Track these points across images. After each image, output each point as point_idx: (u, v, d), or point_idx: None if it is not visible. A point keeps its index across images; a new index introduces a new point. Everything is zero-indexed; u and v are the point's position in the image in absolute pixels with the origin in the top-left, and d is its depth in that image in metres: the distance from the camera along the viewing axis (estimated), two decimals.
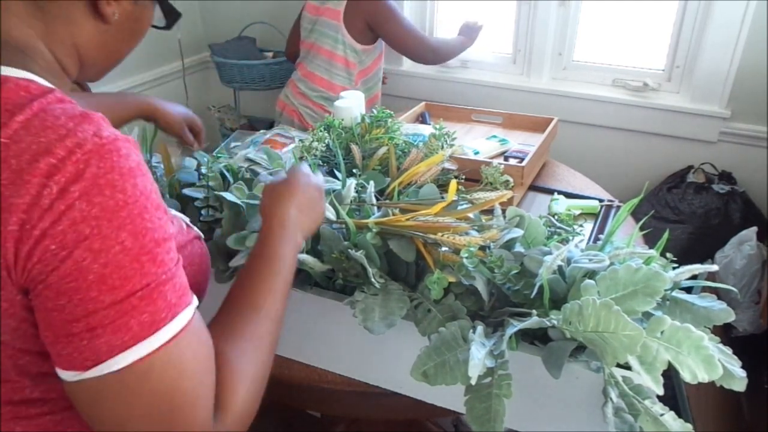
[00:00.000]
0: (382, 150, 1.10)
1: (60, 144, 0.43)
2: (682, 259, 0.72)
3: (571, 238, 0.85)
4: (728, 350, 0.65)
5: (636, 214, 1.03)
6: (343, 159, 1.04)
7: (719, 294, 0.73)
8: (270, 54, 2.53)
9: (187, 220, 0.67)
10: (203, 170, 0.97)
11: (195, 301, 0.51)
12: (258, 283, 0.61)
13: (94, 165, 0.44)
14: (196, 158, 1.07)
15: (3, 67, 0.48)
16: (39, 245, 0.43)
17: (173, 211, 0.65)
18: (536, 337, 0.70)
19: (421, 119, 1.63)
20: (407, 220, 0.77)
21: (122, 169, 0.45)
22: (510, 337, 0.67)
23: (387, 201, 0.91)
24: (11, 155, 0.43)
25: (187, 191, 0.95)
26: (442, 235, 0.74)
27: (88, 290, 0.43)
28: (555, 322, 0.65)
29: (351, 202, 0.88)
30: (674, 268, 0.70)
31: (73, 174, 0.43)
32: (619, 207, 1.25)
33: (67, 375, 0.46)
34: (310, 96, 1.91)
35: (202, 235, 0.69)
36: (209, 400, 0.49)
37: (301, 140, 1.23)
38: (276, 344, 0.61)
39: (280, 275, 0.62)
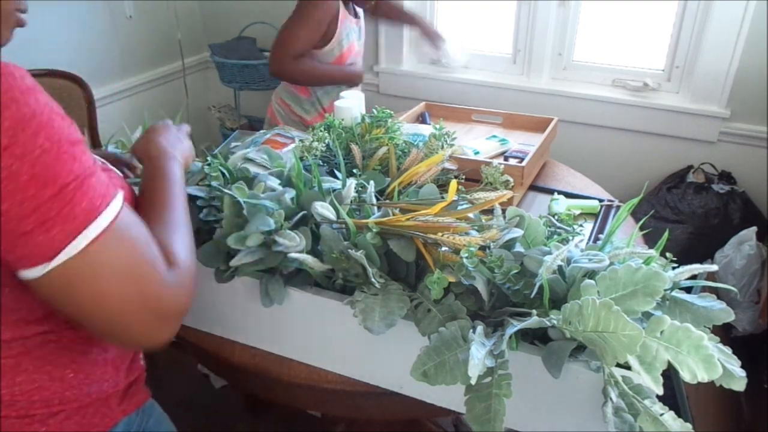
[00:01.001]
0: (382, 150, 1.10)
1: None
2: (682, 259, 0.72)
3: (571, 238, 0.85)
4: (728, 350, 0.65)
5: (636, 214, 1.03)
6: (343, 159, 1.04)
7: (719, 294, 0.73)
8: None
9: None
10: (204, 170, 0.97)
11: (120, 190, 0.57)
12: (159, 193, 0.71)
13: None
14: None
15: None
16: None
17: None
18: (536, 337, 0.71)
19: (421, 119, 1.63)
20: (407, 220, 0.77)
21: (20, 87, 0.48)
22: (510, 337, 0.67)
23: (387, 201, 0.91)
24: None
25: (188, 190, 0.94)
26: (442, 235, 0.74)
27: (26, 190, 0.47)
28: (555, 322, 0.65)
29: (351, 202, 0.88)
30: (674, 268, 0.70)
31: None
32: (618, 207, 1.25)
33: (34, 271, 0.50)
34: (284, 97, 1.86)
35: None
36: (162, 261, 0.58)
37: (301, 140, 1.23)
38: (188, 222, 0.71)
39: (172, 181, 0.73)
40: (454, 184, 0.79)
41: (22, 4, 0.60)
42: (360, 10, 1.80)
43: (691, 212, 1.94)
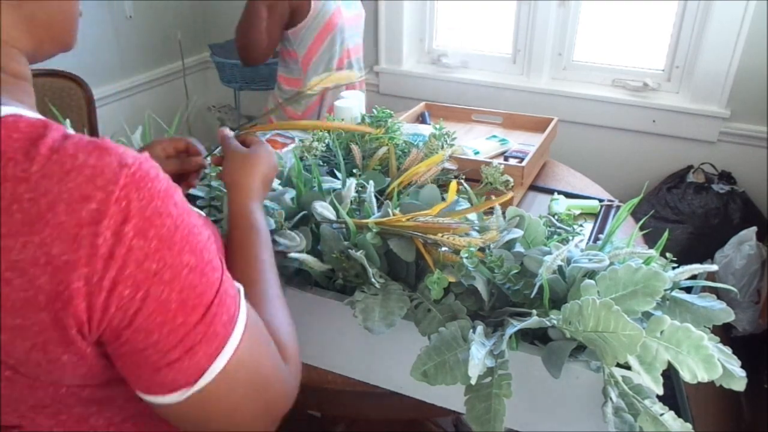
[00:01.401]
0: (382, 150, 1.10)
1: (91, 185, 0.41)
2: (682, 259, 0.72)
3: (571, 238, 0.85)
4: (728, 350, 0.65)
5: (636, 214, 1.03)
6: (343, 159, 1.04)
7: (719, 294, 0.73)
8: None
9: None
10: (204, 170, 0.97)
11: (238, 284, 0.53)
12: (250, 257, 0.65)
13: (135, 199, 0.42)
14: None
15: None
16: (113, 294, 0.41)
17: None
18: (536, 337, 0.71)
19: (421, 119, 1.63)
20: (407, 220, 0.77)
21: (159, 192, 0.44)
22: (510, 337, 0.67)
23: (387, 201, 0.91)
24: (44, 209, 0.40)
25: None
26: (442, 236, 0.74)
27: (174, 319, 0.44)
28: (555, 322, 0.65)
29: (351, 202, 0.88)
30: (674, 268, 0.70)
31: (119, 214, 0.41)
32: (618, 207, 1.25)
33: (171, 398, 0.46)
34: (277, 95, 1.82)
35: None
36: (280, 359, 0.54)
37: (301, 140, 1.23)
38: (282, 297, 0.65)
39: (264, 244, 0.67)
40: (454, 184, 0.79)
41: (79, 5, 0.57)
42: None
43: (691, 212, 1.94)
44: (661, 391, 0.57)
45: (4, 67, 0.48)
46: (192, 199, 0.93)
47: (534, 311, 0.67)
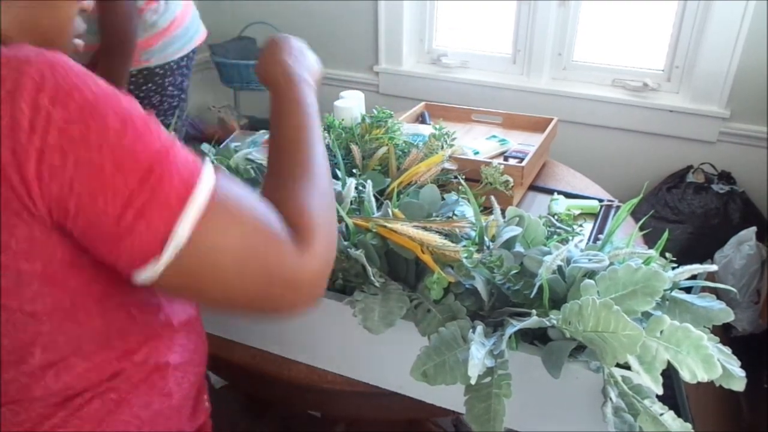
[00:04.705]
0: (382, 150, 1.10)
1: (6, 68, 0.43)
2: (682, 259, 0.72)
3: (570, 238, 0.85)
4: (727, 350, 0.65)
5: (635, 214, 1.03)
6: (343, 159, 1.04)
7: (718, 294, 0.73)
8: None
9: None
10: None
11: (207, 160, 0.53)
12: (294, 129, 0.62)
13: (49, 75, 0.44)
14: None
15: None
16: (42, 163, 0.43)
17: None
18: (536, 337, 0.71)
19: (421, 119, 1.63)
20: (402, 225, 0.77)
21: (77, 73, 0.45)
22: (510, 337, 0.67)
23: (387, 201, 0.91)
24: None
25: None
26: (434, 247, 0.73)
27: (114, 181, 0.44)
28: (555, 322, 0.65)
29: (351, 202, 0.88)
30: (674, 268, 0.70)
31: (33, 88, 0.43)
32: (618, 207, 1.25)
33: (148, 271, 0.47)
34: None
35: None
36: (277, 226, 0.52)
37: None
38: (329, 174, 0.62)
39: (310, 114, 0.63)
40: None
41: (85, 3, 0.57)
42: None
43: (691, 212, 1.94)
44: (660, 391, 0.57)
45: None
46: None
47: (534, 311, 0.67)
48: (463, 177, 1.11)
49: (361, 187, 0.94)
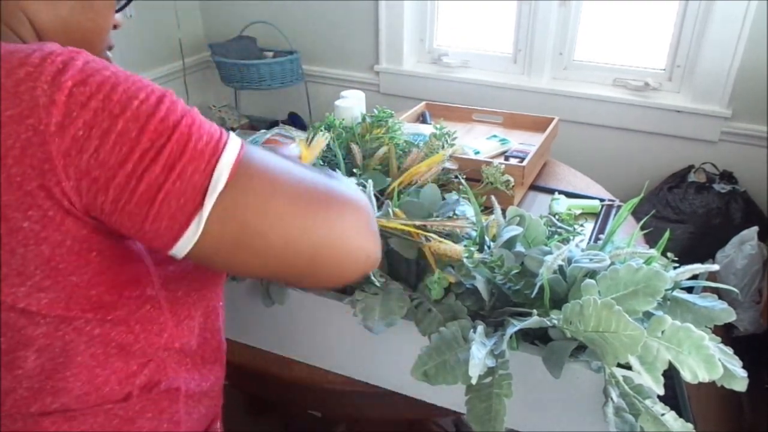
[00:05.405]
0: (383, 150, 1.10)
1: (32, 56, 0.43)
2: (683, 259, 0.72)
3: (571, 237, 0.84)
4: (729, 350, 0.65)
5: (637, 214, 1.03)
6: (343, 159, 1.04)
7: (720, 294, 0.73)
8: (270, 54, 2.53)
9: None
10: None
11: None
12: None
13: (70, 64, 0.44)
14: None
15: None
16: (65, 137, 0.43)
17: None
18: (537, 337, 0.70)
19: (422, 119, 1.62)
20: (403, 224, 0.77)
21: (97, 61, 0.45)
22: (510, 337, 0.67)
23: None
24: None
25: None
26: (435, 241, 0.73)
27: (139, 142, 0.44)
28: (555, 322, 0.65)
29: None
30: (675, 268, 0.70)
31: (54, 70, 0.43)
32: (619, 207, 1.25)
33: (182, 244, 0.46)
34: None
35: None
36: (317, 212, 0.50)
37: (301, 140, 1.23)
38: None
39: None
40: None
41: (117, 19, 0.58)
42: None
43: (692, 212, 1.94)
44: (662, 391, 0.57)
45: None
46: None
47: (534, 311, 0.67)
48: (464, 177, 1.11)
49: (361, 187, 0.94)
